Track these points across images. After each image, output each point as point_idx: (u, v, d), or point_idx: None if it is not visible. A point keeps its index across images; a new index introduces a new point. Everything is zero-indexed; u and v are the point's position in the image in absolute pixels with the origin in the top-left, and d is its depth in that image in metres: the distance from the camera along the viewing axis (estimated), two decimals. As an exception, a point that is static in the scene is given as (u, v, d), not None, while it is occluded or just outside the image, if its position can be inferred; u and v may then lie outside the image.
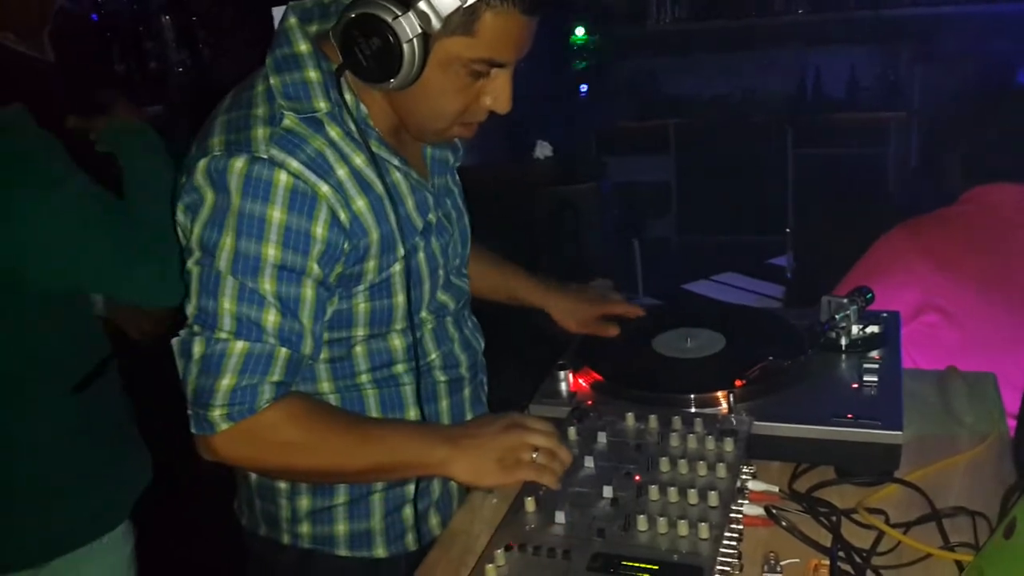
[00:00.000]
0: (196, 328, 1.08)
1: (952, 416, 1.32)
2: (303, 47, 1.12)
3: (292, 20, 1.13)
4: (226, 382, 1.06)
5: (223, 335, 1.07)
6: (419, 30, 1.03)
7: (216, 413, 1.07)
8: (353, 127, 1.12)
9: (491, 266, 1.57)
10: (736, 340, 1.38)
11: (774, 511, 1.07)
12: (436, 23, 1.03)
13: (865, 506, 1.10)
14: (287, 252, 1.07)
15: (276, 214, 1.06)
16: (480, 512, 1.18)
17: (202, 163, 1.07)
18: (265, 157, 1.05)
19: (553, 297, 1.55)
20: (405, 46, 1.03)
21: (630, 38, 5.92)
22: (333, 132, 1.11)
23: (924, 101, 5.45)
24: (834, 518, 1.08)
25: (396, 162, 1.17)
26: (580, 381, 1.32)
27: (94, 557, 1.58)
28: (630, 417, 1.19)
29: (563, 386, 1.31)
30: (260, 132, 1.07)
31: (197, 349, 1.07)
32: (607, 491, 1.04)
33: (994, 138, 1.86)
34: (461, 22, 1.04)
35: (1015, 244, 1.81)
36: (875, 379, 1.23)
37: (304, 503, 1.26)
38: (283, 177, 1.06)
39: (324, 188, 1.08)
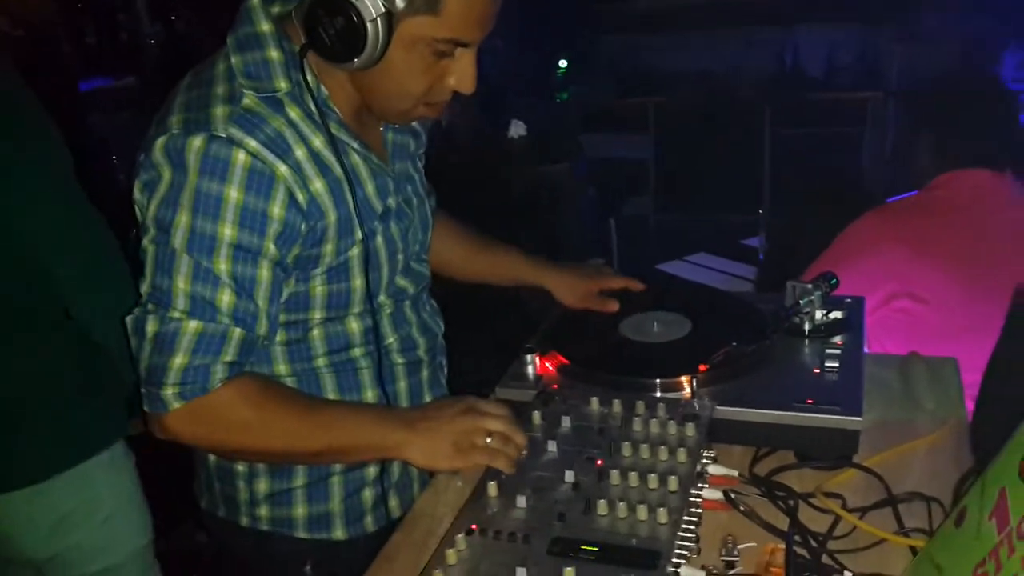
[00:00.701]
0: (150, 306, 1.08)
1: (913, 401, 1.34)
2: (265, 27, 1.11)
3: (255, 1, 1.13)
4: (179, 361, 1.06)
5: (176, 314, 1.07)
6: (383, 9, 1.02)
7: (168, 392, 1.07)
8: (313, 108, 1.12)
9: (484, 247, 1.58)
10: (702, 324, 1.39)
11: (733, 495, 1.09)
12: (400, 1, 1.02)
13: (824, 490, 1.12)
14: (243, 232, 1.07)
15: (233, 193, 1.06)
16: (444, 495, 1.19)
17: (160, 141, 1.07)
18: (223, 136, 1.05)
19: (551, 274, 1.57)
20: (369, 25, 1.02)
21: (611, 14, 5.90)
22: (293, 113, 1.11)
23: (902, 82, 5.47)
24: (791, 502, 1.10)
25: (356, 145, 1.17)
26: (547, 365, 1.33)
27: (99, 473, 1.60)
28: (594, 401, 1.19)
29: (530, 369, 1.32)
30: (219, 111, 1.07)
31: (151, 327, 1.07)
32: (569, 475, 1.05)
33: (966, 124, 1.88)
34: (425, 0, 1.03)
35: (986, 230, 1.83)
36: (836, 364, 1.24)
37: (262, 486, 1.27)
38: (241, 156, 1.06)
39: (282, 168, 1.08)
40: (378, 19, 1.02)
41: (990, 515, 0.77)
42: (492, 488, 1.04)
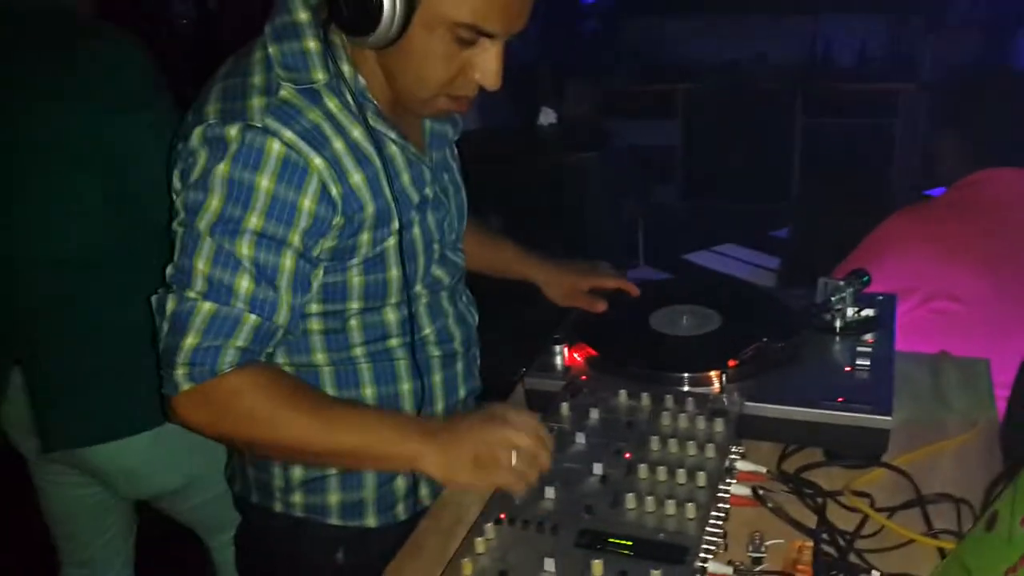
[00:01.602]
0: (173, 286, 1.08)
1: (942, 401, 1.34)
2: (302, 16, 1.11)
3: None
4: (189, 341, 1.06)
5: (193, 294, 1.06)
6: None
7: (179, 372, 1.06)
8: (351, 99, 1.12)
9: (484, 240, 1.57)
10: (731, 319, 1.38)
11: (761, 492, 1.09)
12: None
13: (852, 489, 1.11)
14: (270, 222, 1.07)
15: (264, 182, 1.06)
16: (472, 484, 1.20)
17: (198, 130, 1.07)
18: (259, 126, 1.05)
19: (541, 269, 1.55)
20: None
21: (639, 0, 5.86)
22: (331, 104, 1.11)
23: (934, 74, 5.41)
24: (820, 500, 1.10)
25: (393, 135, 1.17)
26: (575, 355, 1.33)
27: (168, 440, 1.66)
28: (623, 394, 1.20)
29: (558, 360, 1.33)
30: (256, 101, 1.07)
31: (169, 307, 1.07)
32: (597, 468, 1.05)
33: (993, 121, 1.86)
34: None
35: (1017, 230, 1.81)
36: (867, 363, 1.24)
37: (297, 472, 1.27)
38: (276, 146, 1.06)
39: (317, 160, 1.08)
40: None
41: (1022, 520, 0.76)
42: (521, 478, 1.04)
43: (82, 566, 1.95)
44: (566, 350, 1.33)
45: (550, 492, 1.01)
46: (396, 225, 1.17)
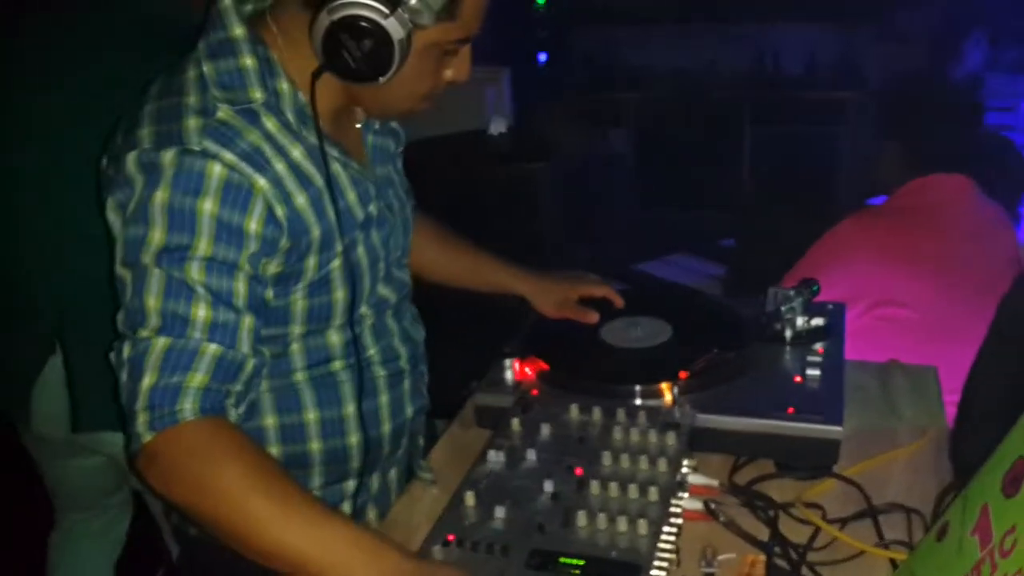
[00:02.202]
0: (125, 332, 1.01)
1: (892, 410, 1.34)
2: (238, 31, 1.06)
3: (227, 2, 1.06)
4: (146, 381, 0.96)
5: (146, 333, 0.98)
6: (410, 26, 0.99)
7: (140, 420, 0.96)
8: (291, 118, 1.08)
9: (461, 250, 1.55)
10: (682, 330, 1.38)
11: (713, 506, 1.08)
12: (429, 20, 0.99)
13: (803, 500, 1.11)
14: (219, 246, 1.01)
15: (208, 206, 0.99)
16: (420, 503, 1.17)
17: (132, 156, 1.01)
18: (198, 149, 0.99)
19: (528, 281, 1.53)
20: (396, 45, 0.98)
21: (590, 8, 5.88)
22: (269, 124, 1.06)
23: (880, 82, 5.51)
24: (772, 513, 1.09)
25: (335, 153, 1.13)
26: (526, 370, 1.32)
27: None
28: (574, 409, 1.18)
29: (508, 375, 1.31)
30: (192, 123, 1.01)
31: (125, 352, 0.99)
32: (548, 485, 1.03)
33: (931, 130, 1.89)
34: (447, 9, 1.01)
35: (957, 235, 1.85)
36: (818, 373, 1.24)
37: None
38: (217, 168, 1.00)
39: (261, 181, 1.03)
40: (405, 36, 0.99)
41: (972, 531, 0.76)
42: (470, 497, 1.02)
43: (84, 510, 1.99)
44: (517, 364, 1.31)
45: (500, 512, 0.99)
46: (339, 246, 1.13)
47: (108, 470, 1.85)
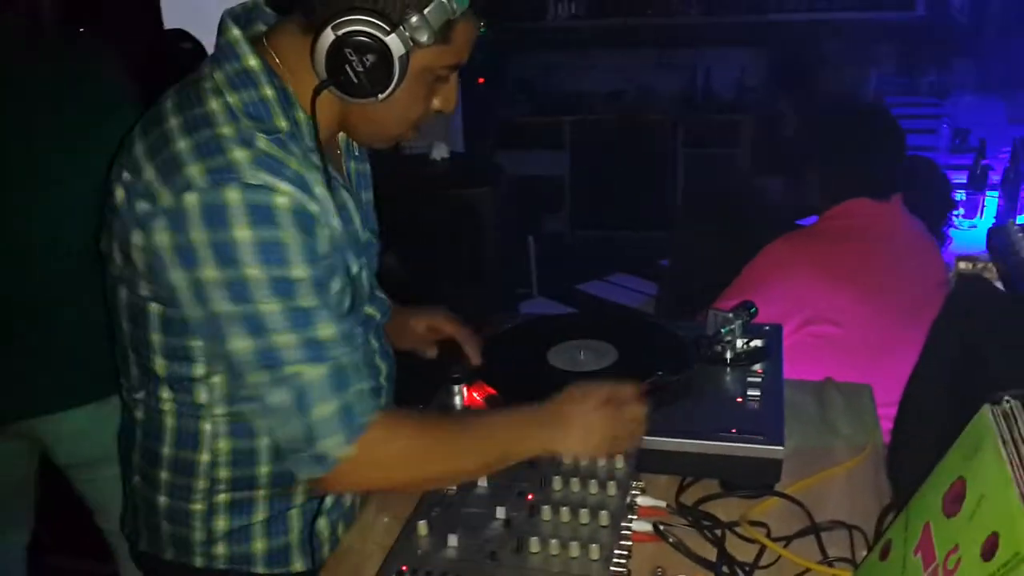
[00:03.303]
0: (260, 376, 1.02)
1: (830, 427, 1.38)
2: (252, 62, 1.06)
3: (235, 32, 1.07)
4: (324, 409, 1.02)
5: (291, 370, 1.01)
6: (410, 44, 1.02)
7: (331, 443, 1.03)
8: (312, 145, 1.08)
9: None
10: (627, 353, 1.40)
11: (662, 527, 1.10)
12: (428, 38, 1.02)
13: (748, 519, 1.14)
14: (311, 267, 1.02)
15: (289, 235, 1.00)
16: (372, 532, 1.17)
17: (191, 198, 0.98)
18: (255, 184, 0.99)
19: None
20: (397, 62, 1.01)
21: (527, 34, 5.95)
22: (297, 152, 1.06)
23: (807, 106, 5.67)
24: (719, 532, 1.12)
25: (341, 180, 1.15)
26: (474, 395, 1.32)
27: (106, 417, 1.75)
28: (523, 433, 1.19)
29: (457, 400, 1.31)
30: (240, 155, 1.00)
31: (274, 398, 1.02)
32: (500, 512, 1.04)
33: (852, 154, 1.95)
34: (444, 31, 1.04)
35: (887, 255, 1.91)
36: (758, 393, 1.27)
37: (221, 524, 1.20)
38: (281, 200, 1.00)
39: (313, 207, 1.03)
40: (405, 55, 1.03)
41: (915, 550, 0.79)
42: (422, 527, 1.02)
43: None
44: (465, 389, 1.32)
45: (453, 540, 1.00)
46: (355, 269, 1.15)
47: (22, 459, 1.93)
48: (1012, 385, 0.76)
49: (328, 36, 1.01)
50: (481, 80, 5.24)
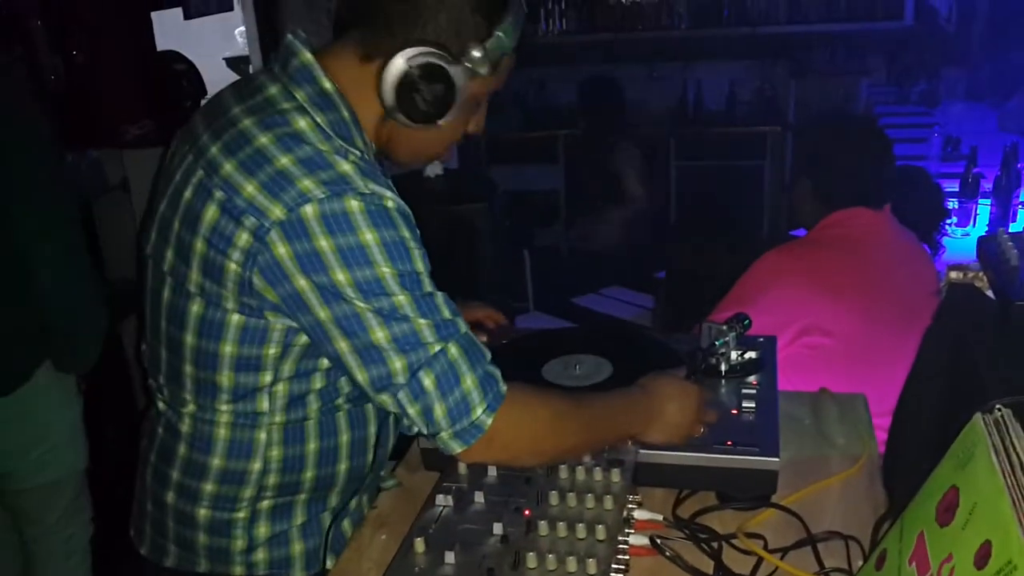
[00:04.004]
0: (404, 361, 1.07)
1: (825, 438, 1.38)
2: (328, 85, 1.13)
3: (309, 56, 1.14)
4: (467, 383, 1.08)
5: (436, 347, 1.08)
6: (470, 75, 1.12)
7: (479, 413, 1.08)
8: (376, 164, 1.15)
9: None
10: (621, 366, 1.40)
11: (658, 540, 1.10)
12: (485, 71, 1.12)
13: (745, 531, 1.14)
14: (425, 259, 1.11)
15: (406, 234, 1.09)
16: (368, 551, 1.17)
17: (309, 209, 1.04)
18: (368, 192, 1.06)
19: None
20: (458, 91, 1.11)
21: (518, 49, 5.97)
22: (375, 167, 1.14)
23: (798, 115, 5.70)
24: (715, 545, 1.12)
25: None
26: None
27: (49, 409, 2.05)
28: (519, 449, 1.19)
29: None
30: (346, 167, 1.07)
31: (427, 379, 1.07)
32: (497, 528, 1.04)
33: (843, 165, 1.97)
34: (496, 64, 1.14)
35: (879, 265, 1.92)
36: (753, 405, 1.27)
37: (263, 530, 1.24)
38: (391, 204, 1.08)
39: (407, 210, 1.12)
40: (464, 85, 1.12)
41: (910, 559, 0.79)
42: (419, 544, 1.02)
43: None
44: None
45: (450, 557, 1.00)
46: None
47: None
48: (1004, 393, 0.76)
49: (399, 66, 1.09)
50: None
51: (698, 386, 1.28)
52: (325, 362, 1.18)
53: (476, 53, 1.10)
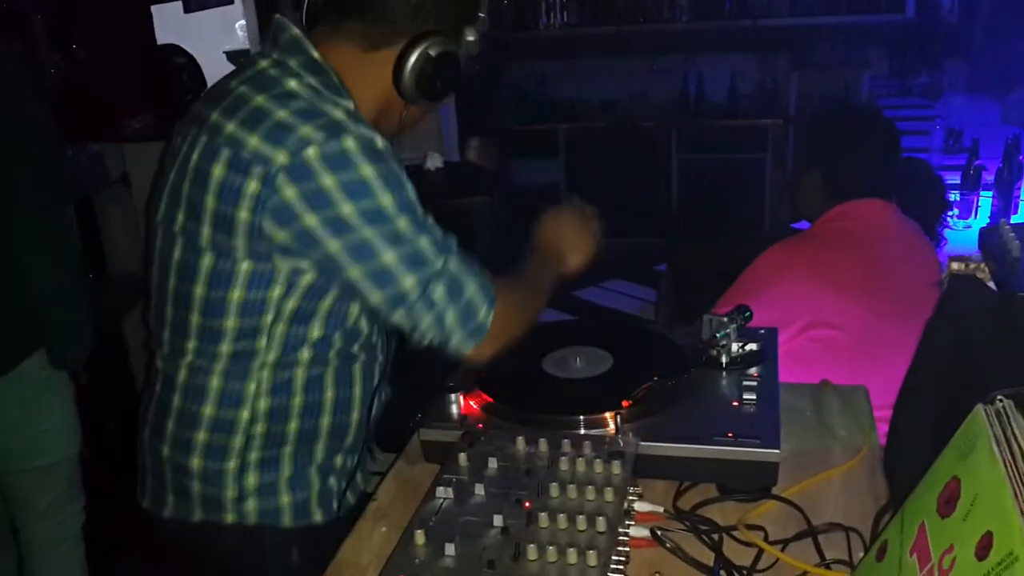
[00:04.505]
0: (414, 277, 1.21)
1: (826, 429, 1.38)
2: (316, 54, 1.26)
3: (297, 31, 1.27)
4: (471, 287, 1.25)
5: (438, 264, 1.22)
6: (467, 54, 1.30)
7: (483, 312, 1.26)
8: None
9: None
10: (623, 359, 1.40)
11: (659, 532, 1.10)
12: (475, 49, 1.31)
13: (745, 522, 1.14)
14: (415, 192, 1.24)
15: (395, 167, 1.21)
16: (368, 542, 1.17)
17: (311, 152, 1.16)
18: (360, 133, 1.18)
19: None
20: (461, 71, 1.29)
21: (520, 42, 5.97)
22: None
23: (800, 108, 5.69)
24: (716, 536, 1.12)
25: None
26: (471, 403, 1.32)
27: (42, 395, 2.12)
28: (520, 441, 1.19)
29: (454, 408, 1.31)
30: (338, 114, 1.19)
31: (438, 291, 1.23)
32: (497, 520, 1.04)
33: (850, 156, 1.96)
34: (476, 44, 1.32)
35: (882, 257, 1.91)
36: (754, 397, 1.27)
37: (251, 481, 1.34)
38: (380, 144, 1.20)
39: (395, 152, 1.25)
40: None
41: (911, 550, 0.79)
42: (419, 536, 1.02)
43: None
44: (461, 398, 1.32)
45: (450, 549, 1.00)
46: None
47: None
48: (1005, 384, 0.76)
49: (419, 54, 1.25)
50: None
51: (565, 205, 1.57)
52: (325, 305, 1.29)
53: (470, 37, 1.29)
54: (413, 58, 1.25)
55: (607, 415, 1.24)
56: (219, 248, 1.22)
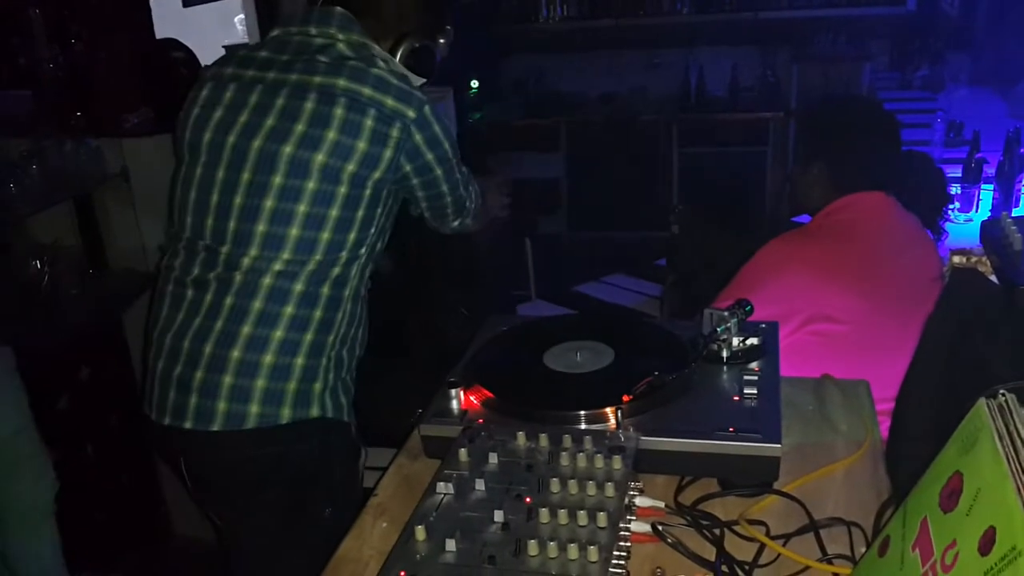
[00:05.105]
0: (464, 181, 1.84)
1: (828, 423, 1.38)
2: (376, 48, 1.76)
3: (342, 10, 1.73)
4: (474, 185, 1.91)
5: (466, 178, 1.86)
6: (441, 49, 1.85)
7: (475, 199, 1.92)
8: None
9: None
10: (623, 353, 1.39)
11: (660, 527, 1.09)
12: (446, 49, 1.86)
13: (747, 517, 1.13)
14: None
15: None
16: (369, 538, 1.16)
17: (427, 108, 1.66)
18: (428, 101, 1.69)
19: None
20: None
21: (520, 36, 5.96)
22: None
23: (800, 101, 5.67)
24: (717, 531, 1.11)
25: None
26: (471, 398, 1.32)
27: None
28: (521, 436, 1.19)
29: (454, 404, 1.31)
30: (415, 91, 1.68)
31: (470, 196, 1.88)
32: (498, 515, 1.03)
33: (852, 150, 1.95)
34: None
35: (883, 250, 1.91)
36: (755, 391, 1.26)
37: (331, 376, 1.69)
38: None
39: None
40: None
41: (913, 545, 0.79)
42: (420, 532, 1.02)
43: None
44: (462, 393, 1.32)
45: (451, 544, 0.99)
46: None
47: None
48: (1007, 378, 0.75)
49: (407, 48, 1.75)
50: (475, 82, 5.25)
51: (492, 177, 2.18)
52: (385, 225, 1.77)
53: (442, 39, 1.83)
54: (404, 49, 1.75)
55: (608, 410, 1.24)
56: (352, 178, 1.61)
